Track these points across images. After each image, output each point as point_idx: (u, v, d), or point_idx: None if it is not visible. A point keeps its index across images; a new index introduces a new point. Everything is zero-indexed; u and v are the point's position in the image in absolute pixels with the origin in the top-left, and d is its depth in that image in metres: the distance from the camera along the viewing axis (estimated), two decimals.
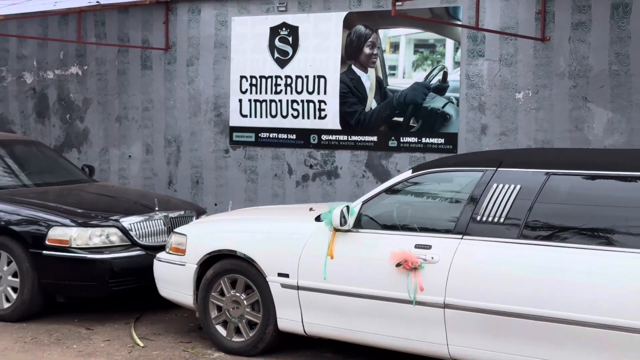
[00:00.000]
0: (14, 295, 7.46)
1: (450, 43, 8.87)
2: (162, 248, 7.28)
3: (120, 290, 7.55)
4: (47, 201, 7.88)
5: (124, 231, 7.56)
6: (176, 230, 7.15)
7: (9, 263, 7.48)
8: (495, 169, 5.73)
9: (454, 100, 8.83)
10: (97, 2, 10.04)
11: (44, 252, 7.35)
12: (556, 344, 5.19)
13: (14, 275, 7.46)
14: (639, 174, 5.31)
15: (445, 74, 8.88)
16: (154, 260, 7.13)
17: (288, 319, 6.28)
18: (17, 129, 11.61)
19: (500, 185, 5.61)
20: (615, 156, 6.25)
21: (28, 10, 9.83)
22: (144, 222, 7.74)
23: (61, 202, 7.92)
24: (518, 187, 5.55)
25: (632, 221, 5.17)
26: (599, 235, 5.24)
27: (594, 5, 8.10)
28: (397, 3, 7.26)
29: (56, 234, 7.36)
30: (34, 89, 11.53)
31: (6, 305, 7.49)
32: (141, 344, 6.83)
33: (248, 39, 9.96)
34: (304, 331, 6.24)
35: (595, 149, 7.90)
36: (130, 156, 10.85)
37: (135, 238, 7.59)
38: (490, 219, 5.53)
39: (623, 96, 8.03)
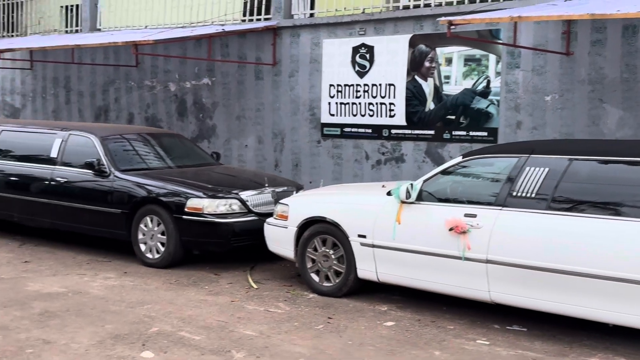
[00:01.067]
0: (162, 249, 7.63)
1: (492, 57, 8.68)
2: (270, 215, 7.33)
3: (239, 246, 7.64)
4: (186, 179, 7.99)
5: (242, 202, 7.64)
6: (281, 201, 7.20)
7: (158, 224, 7.63)
8: (528, 155, 5.64)
9: (495, 102, 8.66)
10: (223, 29, 10.17)
11: (184, 216, 7.46)
12: (573, 291, 5.13)
13: (162, 233, 7.60)
14: None
15: (488, 82, 8.70)
16: (264, 224, 7.20)
17: (365, 270, 6.31)
18: (164, 125, 11.86)
19: (532, 168, 5.52)
20: (624, 145, 6.06)
21: (172, 36, 10.00)
22: (257, 195, 7.81)
23: (196, 179, 8.04)
24: (546, 169, 5.46)
25: (635, 198, 5.04)
26: (610, 207, 5.13)
27: (608, 26, 7.82)
28: (452, 27, 7.14)
29: (193, 203, 7.47)
30: (176, 95, 11.76)
31: (156, 256, 7.66)
32: (255, 286, 6.94)
33: (335, 56, 9.93)
34: (378, 279, 6.26)
35: (608, 139, 7.64)
36: (246, 145, 10.97)
37: (250, 207, 7.67)
38: (524, 195, 5.46)
39: (632, 98, 7.75)
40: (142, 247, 7.77)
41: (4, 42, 13.11)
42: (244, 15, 11.17)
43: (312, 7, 10.56)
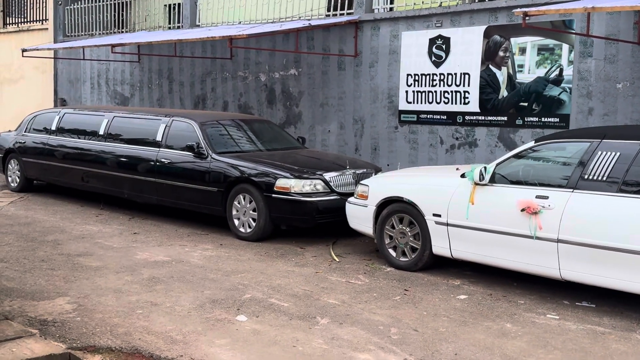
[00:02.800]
0: (253, 224, 7.75)
1: (565, 47, 8.37)
2: (351, 194, 7.36)
3: (322, 223, 7.68)
4: (274, 161, 8.05)
5: (326, 182, 7.68)
6: (361, 182, 7.21)
7: (250, 202, 7.76)
8: (600, 140, 5.44)
9: (567, 90, 8.35)
10: (309, 24, 10.21)
11: (273, 195, 7.56)
12: None
13: (253, 210, 7.73)
14: None
15: (561, 70, 8.40)
16: (346, 203, 7.24)
17: (439, 246, 6.26)
18: (255, 112, 12.04)
19: (604, 153, 5.33)
20: None
21: (263, 30, 10.11)
22: (339, 176, 7.83)
23: (284, 161, 8.09)
24: (618, 154, 5.26)
25: None
26: None
27: None
28: (526, 18, 6.93)
29: (281, 183, 7.56)
30: (266, 85, 11.91)
31: (248, 230, 7.80)
32: (337, 259, 6.99)
33: (413, 47, 9.81)
34: (451, 255, 6.20)
35: None
36: (329, 131, 11.02)
37: (333, 187, 7.70)
38: (595, 178, 5.28)
39: None
40: (236, 222, 7.92)
41: (114, 37, 13.59)
42: (328, 10, 11.17)
43: (391, 2, 10.45)
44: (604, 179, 5.22)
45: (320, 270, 6.53)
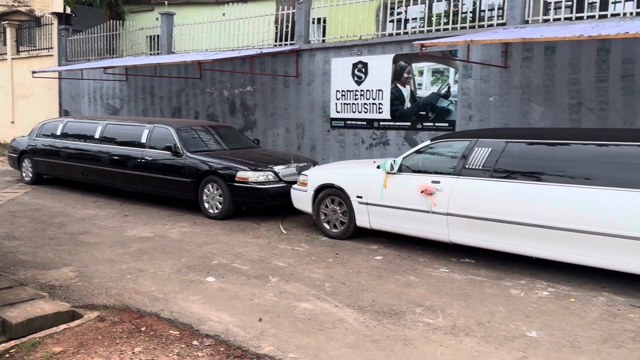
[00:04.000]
0: (220, 206, 7.63)
1: (452, 70, 8.56)
2: (295, 182, 7.33)
3: (273, 204, 7.61)
4: (235, 157, 7.93)
5: (275, 173, 7.62)
6: (302, 172, 7.18)
7: (217, 189, 7.64)
8: (477, 139, 5.58)
9: (454, 102, 8.55)
10: (261, 51, 10.07)
11: (235, 184, 7.47)
12: (507, 234, 5.11)
13: (220, 196, 7.62)
14: (557, 141, 5.14)
15: (449, 87, 8.59)
16: (291, 189, 7.20)
17: (362, 220, 6.31)
18: (220, 120, 11.84)
19: (480, 148, 5.47)
20: (544, 132, 5.97)
21: (225, 56, 9.88)
22: (286, 169, 7.78)
23: (243, 157, 7.97)
24: (490, 149, 5.41)
25: (551, 169, 5.00)
26: (534, 176, 5.08)
27: (534, 47, 7.69)
28: (423, 48, 7.05)
29: (241, 174, 7.46)
30: (228, 99, 11.72)
31: (216, 211, 7.67)
32: (285, 232, 6.96)
33: (340, 70, 9.83)
34: (370, 227, 6.26)
35: (534, 128, 7.53)
36: (278, 134, 10.94)
37: (281, 177, 7.64)
38: (474, 167, 5.42)
39: (550, 99, 7.64)
40: (206, 205, 7.79)
41: (106, 61, 13.07)
42: (276, 41, 11.07)
43: (323, 35, 10.46)
44: (480, 168, 5.37)
45: (272, 241, 6.49)
